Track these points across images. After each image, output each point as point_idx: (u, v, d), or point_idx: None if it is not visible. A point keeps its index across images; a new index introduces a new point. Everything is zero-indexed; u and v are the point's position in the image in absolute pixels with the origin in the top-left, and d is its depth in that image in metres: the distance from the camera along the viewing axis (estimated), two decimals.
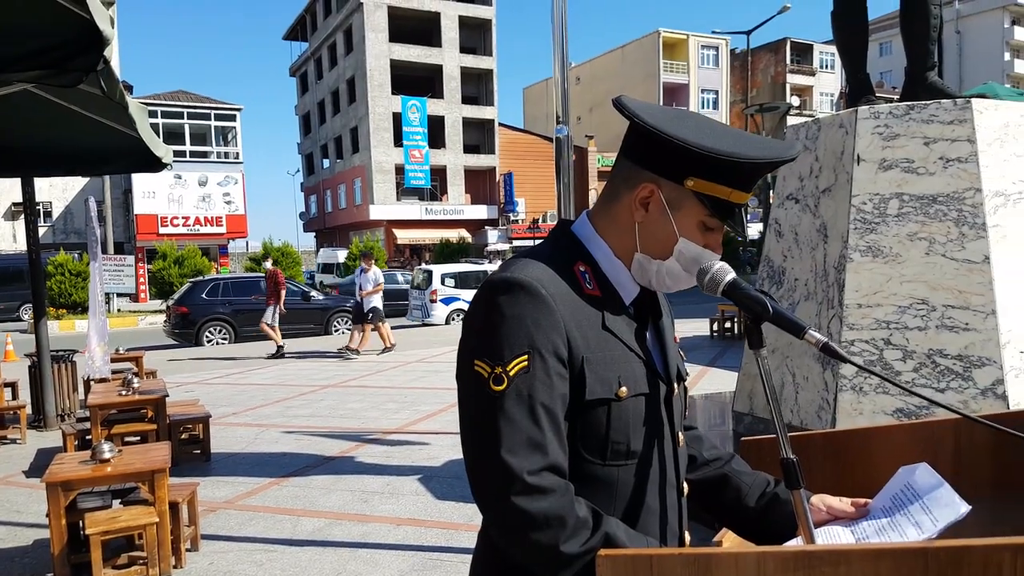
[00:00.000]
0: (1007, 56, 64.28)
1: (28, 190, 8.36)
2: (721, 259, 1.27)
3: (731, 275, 1.23)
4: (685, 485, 1.39)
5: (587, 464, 1.22)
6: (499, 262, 36.80)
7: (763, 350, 1.21)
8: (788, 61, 58.59)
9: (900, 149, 3.59)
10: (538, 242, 1.40)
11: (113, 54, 4.80)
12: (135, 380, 6.99)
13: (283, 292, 14.51)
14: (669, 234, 1.24)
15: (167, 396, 6.84)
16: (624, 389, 1.22)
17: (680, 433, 1.37)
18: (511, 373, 1.14)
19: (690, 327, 15.23)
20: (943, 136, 3.55)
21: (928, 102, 3.64)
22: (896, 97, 4.21)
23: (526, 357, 1.14)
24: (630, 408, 1.23)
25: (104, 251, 24.93)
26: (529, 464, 1.11)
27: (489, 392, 1.14)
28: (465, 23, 46.72)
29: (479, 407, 1.16)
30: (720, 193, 1.21)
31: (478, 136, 48.15)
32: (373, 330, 14.29)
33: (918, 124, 3.58)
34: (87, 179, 34.13)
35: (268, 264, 15.81)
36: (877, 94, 4.15)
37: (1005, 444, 1.43)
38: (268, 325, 14.37)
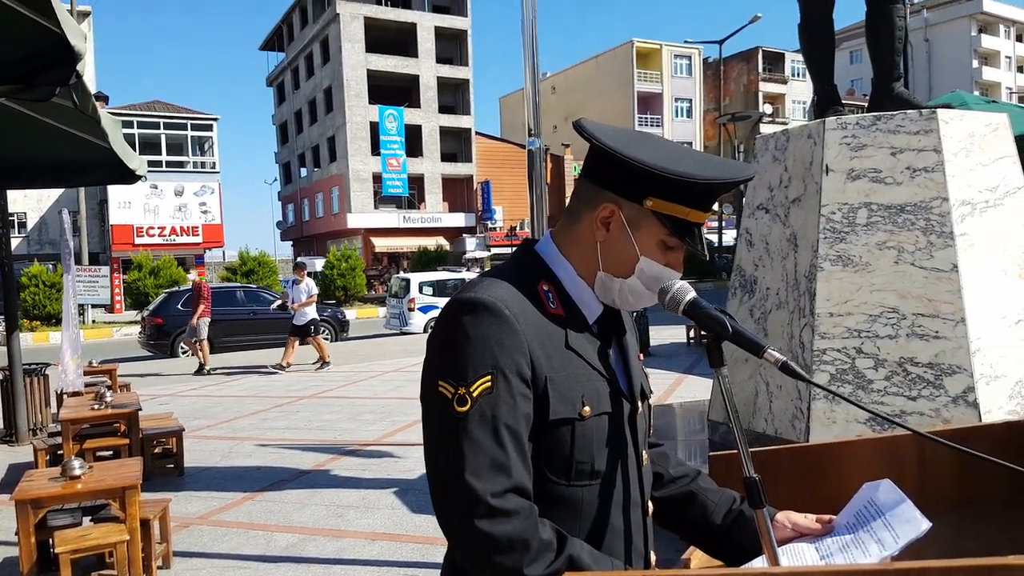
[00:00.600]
0: (975, 63, 65.33)
1: (0, 201, 8.24)
2: (682, 277, 1.28)
3: (691, 294, 1.25)
4: (650, 504, 1.39)
5: (551, 485, 1.21)
6: (477, 270, 36.86)
7: (724, 369, 1.22)
8: (760, 70, 59.21)
9: (868, 159, 3.62)
10: (502, 262, 1.40)
11: (86, 67, 4.76)
12: (108, 394, 6.90)
13: (204, 307, 13.73)
14: (630, 253, 1.25)
15: (140, 410, 6.76)
16: (587, 408, 1.22)
17: (644, 452, 1.37)
18: (475, 394, 1.13)
19: (667, 334, 15.29)
20: (910, 146, 3.59)
21: (894, 113, 3.68)
22: (866, 105, 4.25)
23: (490, 378, 1.14)
24: (593, 428, 1.23)
25: (79, 262, 24.68)
26: (493, 486, 1.10)
27: (453, 413, 1.14)
28: (441, 34, 46.81)
29: (443, 428, 1.16)
30: (679, 213, 1.22)
31: (455, 145, 48.20)
32: (302, 344, 13.75)
33: (885, 134, 3.62)
34: (62, 190, 33.76)
35: (193, 276, 15.12)
36: (847, 102, 4.18)
37: (967, 459, 1.44)
38: (196, 341, 13.67)
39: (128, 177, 7.71)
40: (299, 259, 20.91)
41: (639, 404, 1.35)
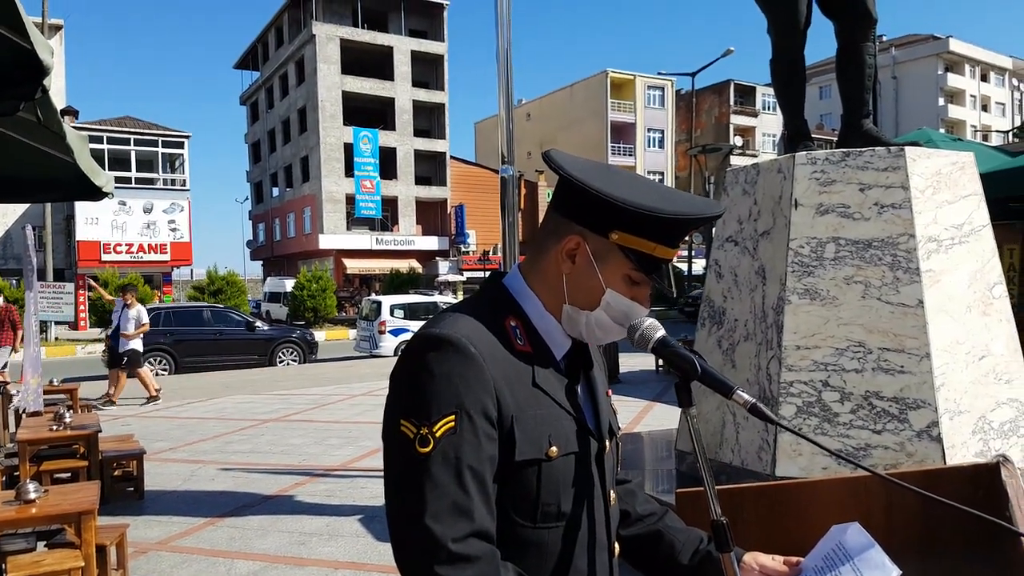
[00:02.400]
0: (941, 101, 66.83)
1: None
2: (653, 305, 1.27)
3: (660, 332, 1.23)
4: (616, 546, 1.37)
5: (517, 527, 1.18)
6: (449, 293, 36.80)
7: (692, 409, 1.20)
8: (732, 102, 60.11)
9: (836, 195, 3.66)
10: (470, 295, 1.38)
11: (55, 81, 4.69)
12: (67, 414, 6.75)
13: (20, 333, 12.21)
14: (596, 286, 1.24)
15: (100, 431, 6.62)
16: (554, 448, 1.19)
17: (612, 491, 1.35)
18: (438, 434, 1.10)
19: (636, 361, 15.32)
20: (878, 183, 3.63)
21: (863, 149, 3.72)
22: (835, 139, 4.31)
23: (453, 417, 1.11)
24: (561, 468, 1.20)
25: (43, 278, 24.23)
26: (454, 531, 1.07)
27: (414, 454, 1.11)
28: (418, 57, 46.99)
29: (404, 469, 1.12)
30: (644, 248, 1.21)
31: (430, 168, 48.25)
32: (130, 376, 12.44)
33: (854, 170, 3.66)
34: (28, 204, 33.22)
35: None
36: (817, 136, 4.24)
37: (934, 500, 1.44)
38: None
39: (94, 194, 7.57)
40: (128, 284, 20.01)
41: (607, 442, 1.33)
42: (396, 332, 19.50)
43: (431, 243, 47.10)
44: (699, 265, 37.61)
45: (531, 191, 47.91)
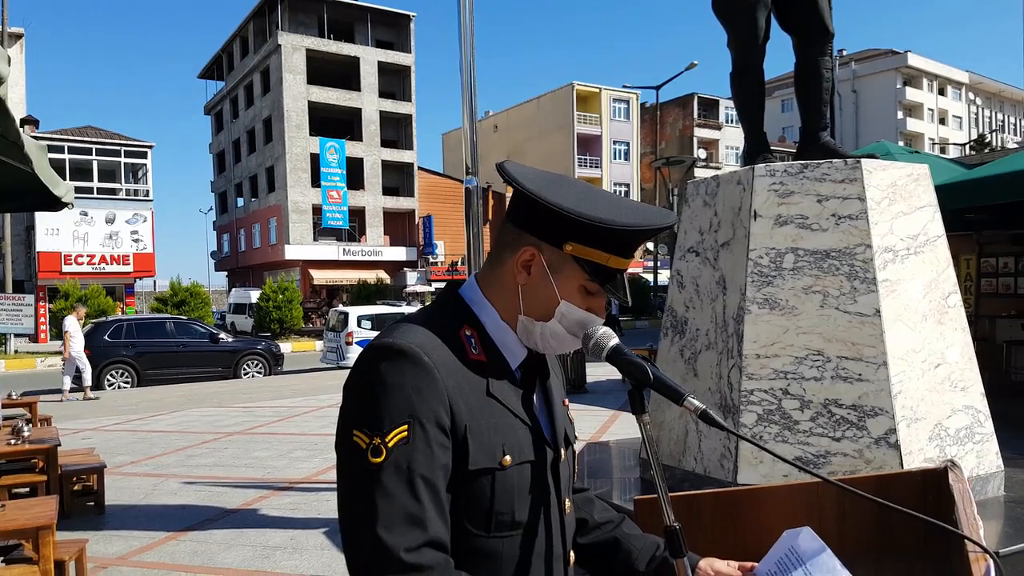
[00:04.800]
0: (900, 115, 68.18)
1: None
2: (621, 313, 1.29)
3: (614, 341, 1.25)
4: (572, 555, 1.37)
5: (471, 537, 1.19)
6: (417, 304, 36.66)
7: (645, 416, 1.22)
8: (695, 115, 60.79)
9: (795, 206, 3.72)
10: (426, 306, 1.38)
11: (12, 91, 4.61)
12: (26, 428, 6.62)
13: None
14: (551, 297, 1.25)
15: (59, 445, 6.50)
16: (508, 458, 1.20)
17: (568, 500, 1.35)
18: (390, 444, 1.10)
19: (603, 371, 15.38)
20: (835, 194, 3.70)
21: (821, 161, 3.79)
22: (796, 152, 4.38)
23: (406, 427, 1.11)
24: (515, 477, 1.21)
25: (2, 290, 23.77)
26: (407, 541, 1.07)
27: (367, 464, 1.11)
28: (384, 68, 46.93)
29: (356, 480, 1.12)
30: (598, 258, 1.22)
31: (397, 179, 48.14)
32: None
33: (812, 182, 3.72)
34: None
35: None
36: (778, 148, 4.31)
37: (885, 505, 1.47)
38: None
39: (54, 204, 7.47)
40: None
41: (562, 451, 1.34)
42: (363, 343, 19.27)
43: (399, 254, 46.95)
44: (665, 276, 37.88)
45: (499, 202, 47.85)
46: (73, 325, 14.95)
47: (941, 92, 73.23)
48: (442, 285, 42.15)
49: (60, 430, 7.60)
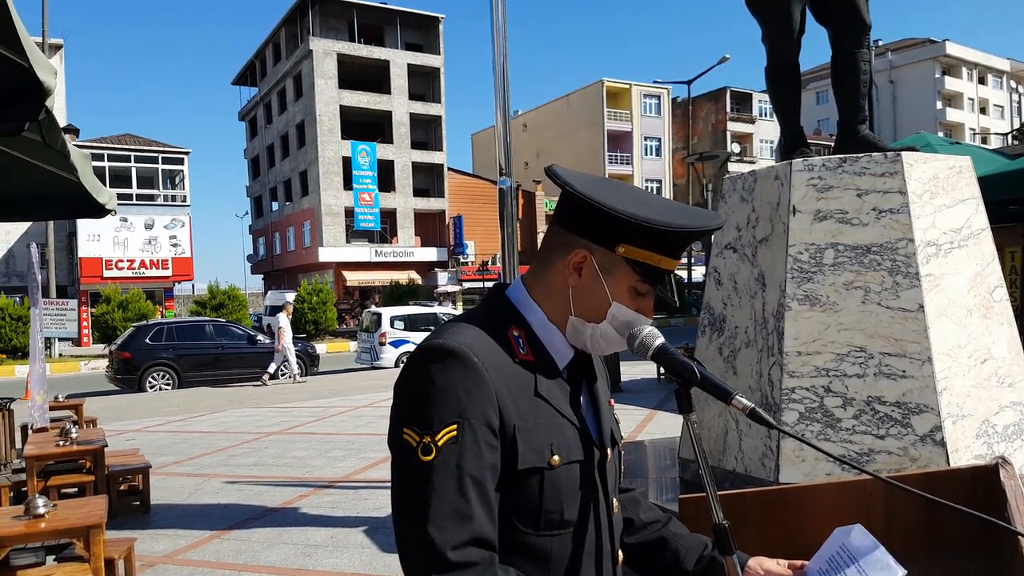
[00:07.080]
0: (939, 105, 66.99)
1: None
2: (654, 311, 1.29)
3: (660, 340, 1.25)
4: (620, 553, 1.38)
5: (520, 535, 1.20)
6: (449, 304, 36.79)
7: (692, 415, 1.22)
8: (728, 109, 60.17)
9: (834, 200, 3.68)
10: (473, 307, 1.40)
11: (56, 102, 4.72)
12: (73, 430, 6.77)
13: None
14: (602, 298, 1.26)
15: (106, 446, 6.64)
16: (556, 457, 1.21)
17: (615, 499, 1.36)
18: (440, 443, 1.12)
19: (638, 370, 15.32)
20: (875, 188, 3.65)
21: (860, 155, 3.74)
22: (832, 144, 4.33)
23: (455, 427, 1.13)
24: (563, 476, 1.22)
25: (46, 295, 24.28)
26: (454, 539, 1.09)
27: (417, 461, 1.13)
28: (414, 71, 47.17)
29: (407, 476, 1.15)
30: (650, 260, 1.23)
31: (428, 180, 48.36)
32: None
33: (851, 176, 3.68)
34: (30, 222, 33.27)
35: None
36: (814, 141, 4.26)
37: (934, 502, 1.45)
38: None
39: (97, 211, 7.61)
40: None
41: (608, 451, 1.34)
42: (397, 344, 19.50)
43: (430, 254, 47.17)
44: (699, 272, 37.61)
45: (529, 201, 48.00)
46: (285, 321, 17.14)
47: (981, 81, 71.83)
48: (473, 285, 42.39)
49: (105, 431, 7.76)
